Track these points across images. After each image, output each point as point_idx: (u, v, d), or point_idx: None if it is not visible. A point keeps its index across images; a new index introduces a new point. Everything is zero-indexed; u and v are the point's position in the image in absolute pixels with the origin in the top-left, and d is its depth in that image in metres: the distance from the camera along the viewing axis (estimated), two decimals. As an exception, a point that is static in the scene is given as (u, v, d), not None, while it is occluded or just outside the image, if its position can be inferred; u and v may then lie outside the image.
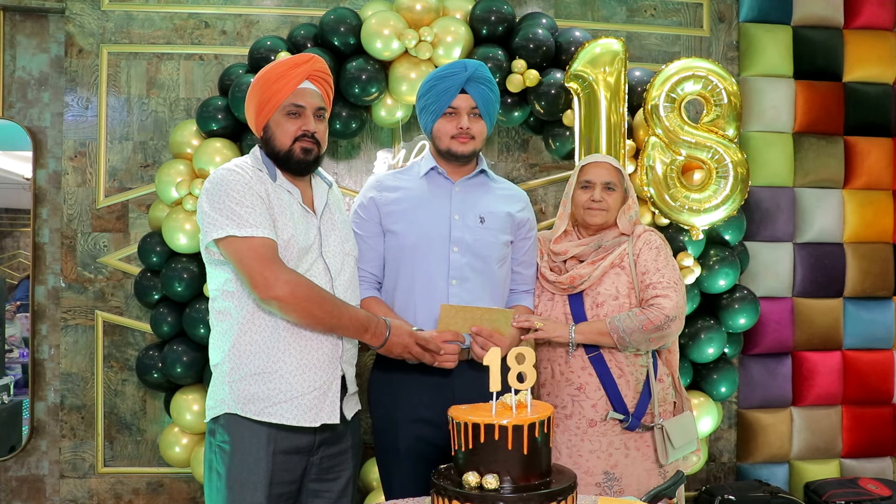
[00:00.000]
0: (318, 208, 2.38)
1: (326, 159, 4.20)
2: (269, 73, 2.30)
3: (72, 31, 4.12)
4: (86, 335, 4.13)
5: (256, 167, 2.30)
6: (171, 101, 4.16)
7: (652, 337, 2.49)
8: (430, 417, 2.50)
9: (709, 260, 3.91)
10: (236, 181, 2.21)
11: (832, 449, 4.48)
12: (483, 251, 2.53)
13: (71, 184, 4.12)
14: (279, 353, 2.23)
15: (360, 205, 2.60)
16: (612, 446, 2.55)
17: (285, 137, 2.29)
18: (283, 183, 2.31)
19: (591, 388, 2.57)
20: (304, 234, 2.28)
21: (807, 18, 4.46)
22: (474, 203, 2.57)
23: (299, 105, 2.29)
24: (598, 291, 2.59)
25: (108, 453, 4.15)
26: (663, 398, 2.62)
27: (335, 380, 2.31)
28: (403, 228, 2.52)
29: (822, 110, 4.46)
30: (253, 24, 4.19)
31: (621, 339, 2.50)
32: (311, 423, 2.25)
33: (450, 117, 2.52)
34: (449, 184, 2.58)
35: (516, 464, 1.78)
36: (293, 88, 2.28)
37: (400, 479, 2.54)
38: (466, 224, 2.53)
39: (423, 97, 2.56)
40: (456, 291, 2.49)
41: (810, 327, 4.43)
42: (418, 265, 2.51)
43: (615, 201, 2.66)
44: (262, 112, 2.31)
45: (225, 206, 2.18)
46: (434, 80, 2.53)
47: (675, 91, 3.73)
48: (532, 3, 4.32)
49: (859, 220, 4.47)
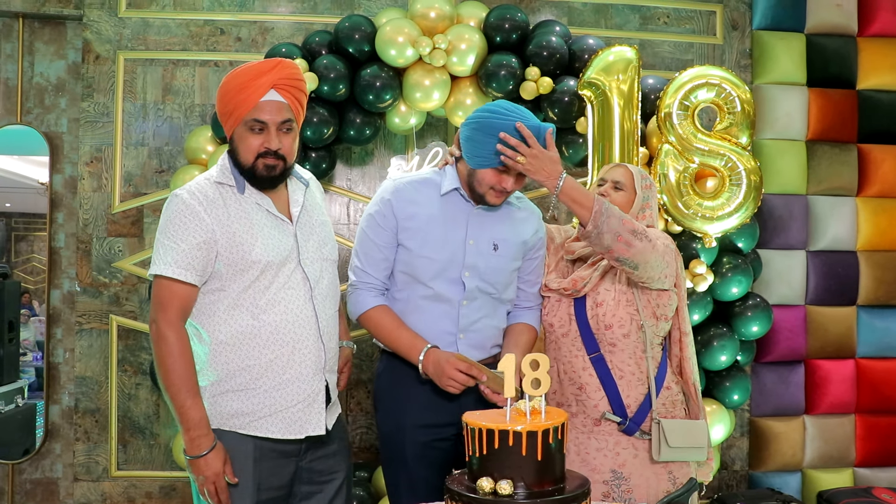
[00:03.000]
0: (294, 213, 2.31)
1: (340, 165, 4.22)
2: (232, 83, 2.18)
3: (89, 38, 4.15)
4: (100, 339, 4.15)
5: (221, 181, 2.24)
6: (187, 107, 4.19)
7: (622, 234, 2.34)
8: (436, 423, 2.50)
9: (722, 267, 3.91)
10: (181, 213, 2.17)
11: (845, 458, 4.46)
12: (493, 277, 2.53)
13: (87, 189, 4.15)
14: (261, 369, 2.21)
15: (377, 212, 2.50)
16: (619, 445, 2.53)
17: (247, 153, 2.19)
18: (251, 194, 2.24)
19: (592, 389, 2.55)
20: (278, 246, 2.23)
21: (820, 26, 4.45)
22: (490, 228, 2.54)
23: (260, 121, 2.18)
24: (598, 291, 2.58)
25: (122, 457, 4.17)
26: (672, 404, 2.59)
27: (320, 391, 2.29)
28: (418, 247, 2.48)
29: (836, 118, 4.45)
30: (268, 30, 4.22)
31: (598, 214, 2.34)
32: (296, 436, 2.25)
33: (498, 172, 2.42)
34: (468, 207, 2.53)
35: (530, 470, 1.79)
36: (256, 101, 2.16)
37: (407, 485, 2.54)
38: (480, 250, 2.51)
39: (482, 135, 2.39)
40: (465, 312, 2.50)
41: (823, 335, 4.41)
42: (429, 285, 2.49)
43: (622, 198, 2.63)
44: (226, 123, 2.23)
45: (161, 241, 2.17)
46: (502, 132, 2.36)
47: (689, 99, 3.73)
48: (546, 10, 4.33)
49: (873, 229, 4.46)
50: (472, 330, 2.51)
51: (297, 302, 2.24)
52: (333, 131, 3.83)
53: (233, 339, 2.19)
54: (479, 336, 2.53)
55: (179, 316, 2.16)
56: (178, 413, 2.14)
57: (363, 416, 4.22)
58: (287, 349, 2.22)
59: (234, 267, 2.18)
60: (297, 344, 2.23)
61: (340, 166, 4.23)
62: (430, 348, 2.42)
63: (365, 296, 2.52)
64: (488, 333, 2.56)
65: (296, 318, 2.23)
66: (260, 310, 2.20)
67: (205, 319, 2.21)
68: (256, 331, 2.19)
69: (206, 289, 2.20)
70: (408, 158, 4.16)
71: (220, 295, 2.20)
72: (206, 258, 2.16)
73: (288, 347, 2.22)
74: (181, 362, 2.13)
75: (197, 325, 2.22)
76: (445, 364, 2.36)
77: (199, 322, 2.21)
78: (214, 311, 2.20)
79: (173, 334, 2.13)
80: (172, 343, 2.13)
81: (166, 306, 2.14)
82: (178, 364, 2.13)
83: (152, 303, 2.18)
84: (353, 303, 2.55)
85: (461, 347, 2.49)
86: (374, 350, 4.22)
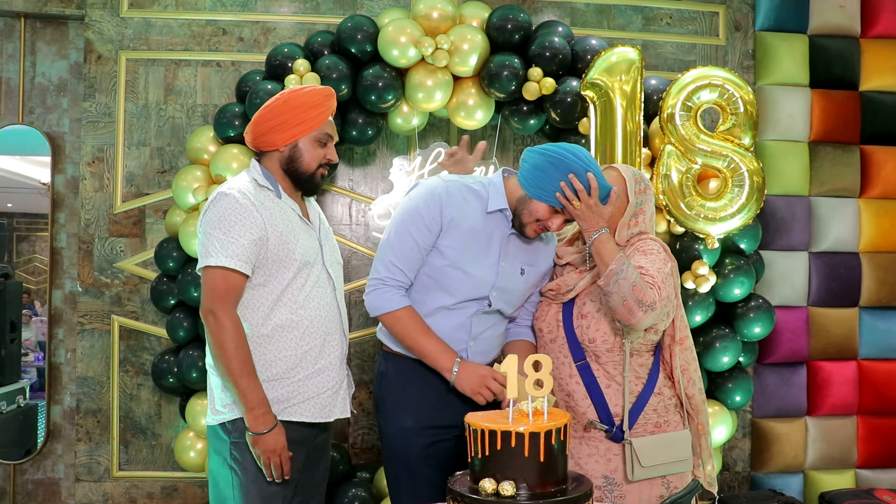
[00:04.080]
0: (314, 221, 2.58)
1: (342, 166, 4.22)
2: (302, 98, 2.45)
3: (91, 38, 4.15)
4: (102, 339, 4.15)
5: (259, 185, 2.45)
6: (189, 107, 4.19)
7: (628, 300, 2.34)
8: (440, 424, 2.50)
9: (724, 269, 3.90)
10: (235, 210, 2.35)
11: (847, 459, 4.45)
12: (514, 300, 2.60)
13: (88, 189, 4.15)
14: (297, 359, 2.42)
15: (425, 211, 2.47)
16: (610, 451, 2.51)
17: (312, 162, 2.49)
18: (287, 200, 2.49)
19: (579, 396, 2.53)
20: (310, 247, 2.47)
21: (823, 27, 4.45)
22: (521, 253, 2.57)
23: (329, 136, 2.51)
24: (585, 301, 2.56)
25: (124, 457, 4.17)
26: (664, 409, 2.57)
27: (344, 378, 2.56)
28: (455, 257, 2.47)
29: (839, 119, 4.44)
30: (270, 31, 4.22)
31: (612, 272, 2.35)
32: (326, 419, 2.49)
33: (551, 210, 2.46)
34: (507, 227, 2.54)
35: (533, 471, 1.79)
36: (326, 119, 2.49)
37: (409, 486, 2.54)
38: (507, 274, 2.54)
39: (555, 171, 2.41)
40: (477, 321, 2.53)
41: (826, 337, 4.41)
42: (459, 296, 2.51)
43: (611, 207, 2.50)
44: (289, 131, 2.45)
45: (216, 235, 2.34)
46: (576, 176, 2.40)
47: (691, 100, 3.73)
48: (548, 11, 4.33)
49: (875, 230, 4.45)
50: (481, 338, 2.56)
51: (325, 298, 2.49)
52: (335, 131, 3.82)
53: (273, 331, 2.40)
54: (486, 344, 2.58)
55: (235, 305, 2.35)
56: (242, 395, 2.31)
57: (365, 416, 4.22)
58: (319, 341, 2.45)
59: (280, 263, 2.39)
60: (327, 336, 2.47)
61: (342, 167, 4.23)
62: (462, 360, 2.48)
63: (393, 293, 2.50)
64: (494, 343, 2.62)
65: (326, 312, 2.48)
66: (298, 305, 2.42)
67: (247, 313, 2.39)
68: (294, 324, 2.41)
69: (249, 284, 2.39)
70: (410, 159, 4.16)
71: (262, 290, 2.39)
72: (258, 253, 2.36)
73: (320, 339, 2.45)
74: (240, 348, 2.31)
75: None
76: (487, 377, 2.44)
77: (241, 315, 2.37)
78: (258, 305, 2.39)
79: (231, 322, 2.31)
80: (231, 330, 2.31)
81: (223, 296, 2.32)
82: (238, 349, 2.31)
83: (207, 293, 2.33)
84: (379, 298, 2.51)
85: (471, 354, 2.54)
86: (374, 351, 4.22)
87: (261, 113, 2.46)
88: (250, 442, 2.34)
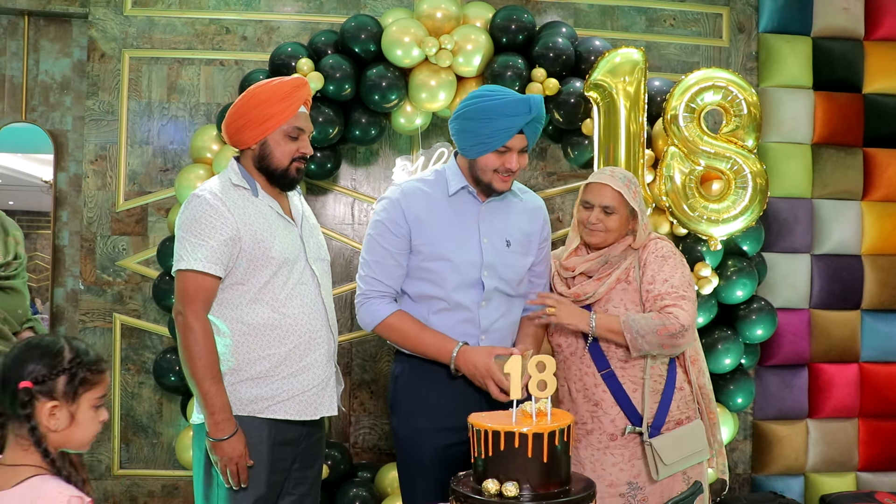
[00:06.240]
0: (297, 217, 2.51)
1: (345, 165, 4.22)
2: (266, 93, 2.37)
3: (94, 36, 4.15)
4: (104, 338, 4.15)
5: (235, 185, 2.41)
6: (192, 105, 4.19)
7: (665, 343, 2.44)
8: (455, 426, 2.46)
9: (726, 270, 3.90)
10: (206, 212, 2.32)
11: (848, 462, 4.45)
12: (508, 274, 2.52)
13: (91, 187, 4.15)
14: (281, 357, 2.37)
15: (388, 218, 2.48)
16: (634, 457, 2.53)
17: (284, 157, 2.41)
18: (264, 198, 2.43)
19: (608, 405, 2.55)
20: (290, 245, 2.41)
21: (827, 29, 4.44)
22: (501, 224, 2.53)
23: (300, 129, 2.41)
24: (606, 308, 2.56)
25: (125, 455, 4.17)
26: (686, 405, 2.60)
27: (331, 376, 2.50)
28: (434, 250, 2.46)
29: (842, 122, 4.44)
30: (273, 30, 4.22)
31: (634, 340, 2.43)
32: (311, 417, 2.43)
33: (499, 154, 2.42)
34: (477, 203, 2.52)
35: (536, 472, 1.78)
36: (295, 111, 2.39)
37: (423, 488, 2.51)
38: (495, 248, 2.50)
39: (473, 122, 2.41)
40: (484, 313, 2.49)
41: (827, 339, 4.40)
42: (449, 287, 2.47)
43: (615, 223, 2.56)
44: (257, 129, 2.38)
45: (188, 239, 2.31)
46: (493, 112, 2.38)
47: (695, 101, 3.73)
48: (552, 11, 4.32)
49: (878, 233, 4.45)
50: (492, 330, 2.52)
51: (310, 296, 2.43)
52: (339, 131, 3.83)
53: (254, 330, 2.35)
54: (499, 335, 2.54)
55: (204, 308, 2.32)
56: (203, 399, 2.30)
57: (366, 416, 4.22)
58: (304, 339, 2.40)
59: (256, 263, 2.35)
60: (312, 334, 2.42)
61: (345, 166, 4.23)
62: (461, 346, 2.42)
63: (378, 303, 2.50)
64: (507, 332, 2.57)
65: (310, 310, 2.42)
66: (280, 303, 2.37)
67: (225, 312, 2.36)
68: (277, 322, 2.36)
69: (224, 284, 2.35)
70: (413, 159, 4.16)
71: (239, 289, 2.36)
72: (230, 253, 2.32)
73: (305, 337, 2.40)
74: (206, 351, 2.29)
75: (215, 318, 2.36)
76: (486, 376, 2.38)
77: (219, 315, 2.36)
78: (235, 304, 2.36)
79: (199, 324, 2.29)
80: (199, 333, 2.28)
81: (193, 298, 2.29)
82: (204, 353, 2.28)
83: (178, 296, 2.32)
84: (367, 313, 2.52)
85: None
86: (376, 350, 4.22)
87: (230, 111, 2.43)
88: (209, 447, 2.32)
